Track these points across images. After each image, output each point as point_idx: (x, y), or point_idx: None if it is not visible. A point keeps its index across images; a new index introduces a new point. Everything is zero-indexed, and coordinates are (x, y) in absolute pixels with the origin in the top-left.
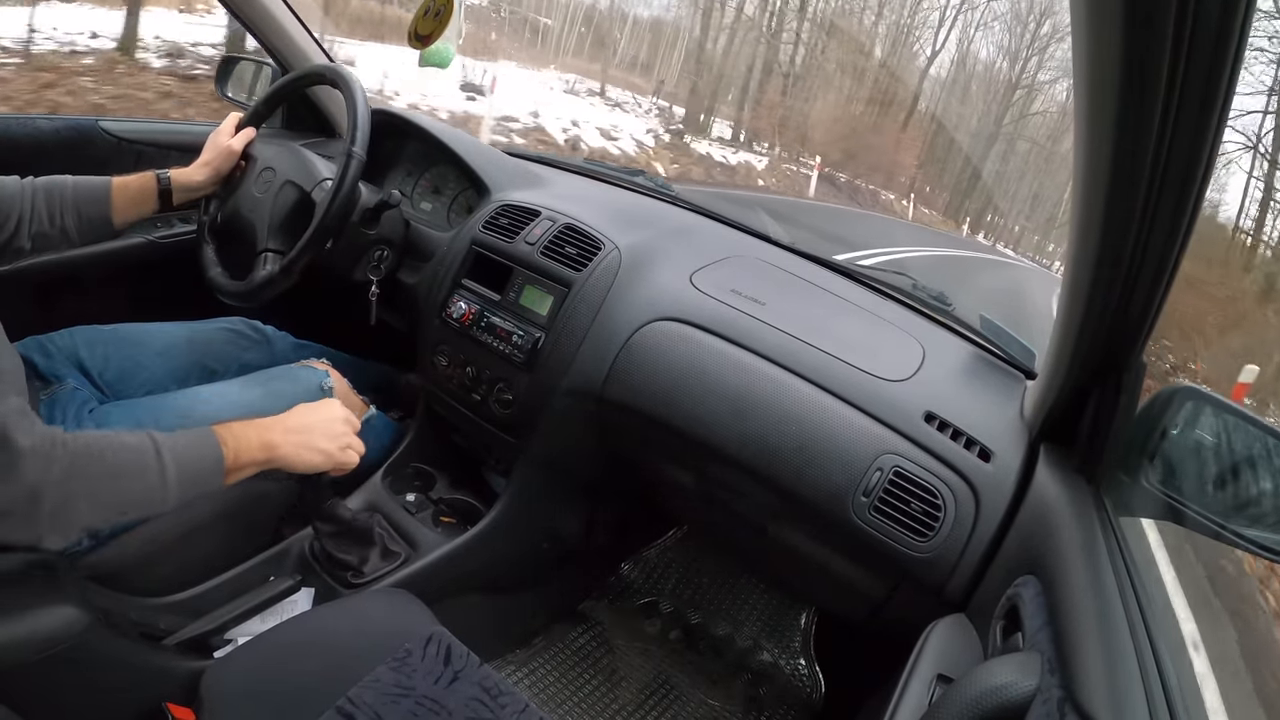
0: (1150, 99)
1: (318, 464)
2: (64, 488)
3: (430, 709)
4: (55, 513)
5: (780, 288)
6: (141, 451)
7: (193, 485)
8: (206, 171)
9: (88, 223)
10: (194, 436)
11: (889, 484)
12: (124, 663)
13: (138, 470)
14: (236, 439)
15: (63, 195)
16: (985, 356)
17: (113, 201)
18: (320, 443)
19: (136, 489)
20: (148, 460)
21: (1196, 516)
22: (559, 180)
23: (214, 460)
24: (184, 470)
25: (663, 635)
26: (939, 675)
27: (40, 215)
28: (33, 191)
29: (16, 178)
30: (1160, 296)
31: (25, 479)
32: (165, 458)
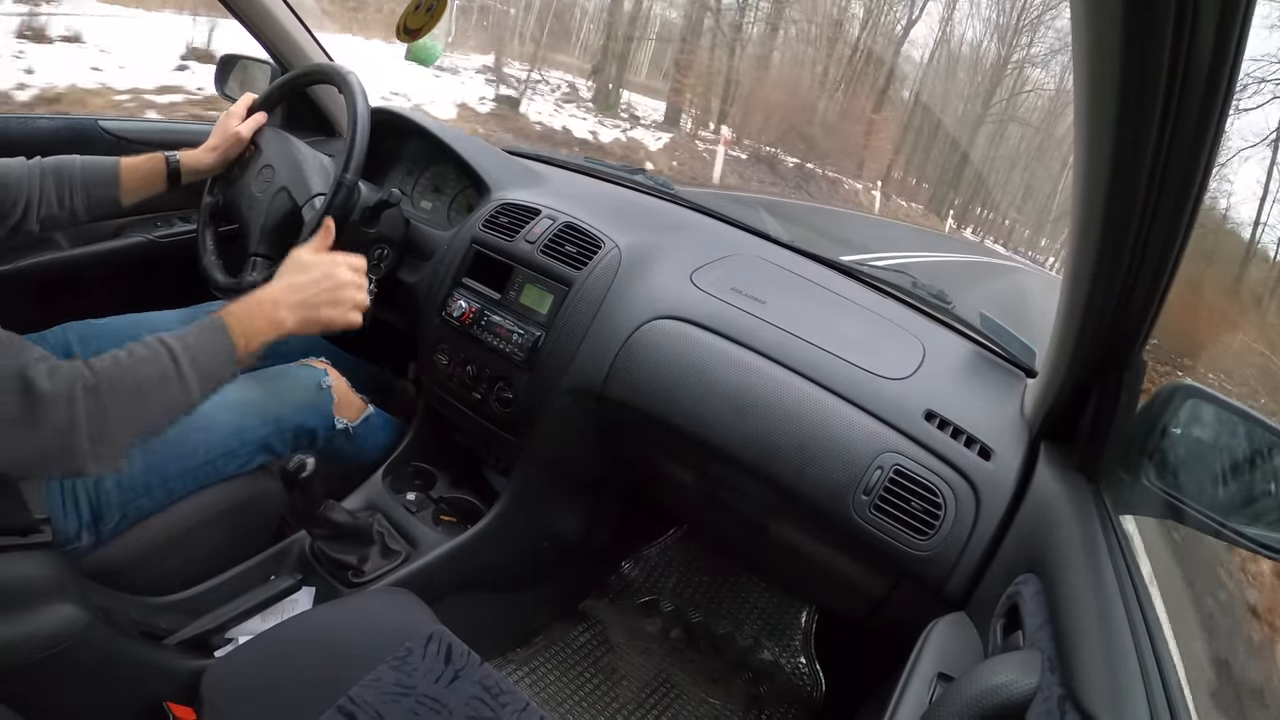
0: (1151, 94)
1: (324, 330)
2: (96, 420)
3: (431, 708)
4: (95, 442)
5: (780, 286)
6: (160, 363)
7: (211, 380)
8: (214, 156)
9: (97, 204)
10: (205, 334)
11: (889, 482)
12: (125, 662)
13: (160, 382)
14: (245, 325)
15: (72, 177)
16: (985, 355)
17: (121, 183)
18: (325, 312)
19: (163, 400)
20: (167, 371)
21: (1197, 514)
22: (559, 179)
23: (227, 352)
24: (201, 370)
25: (663, 634)
26: (939, 673)
27: (49, 198)
28: (40, 173)
29: (22, 159)
30: (1161, 294)
31: (54, 422)
32: (183, 364)
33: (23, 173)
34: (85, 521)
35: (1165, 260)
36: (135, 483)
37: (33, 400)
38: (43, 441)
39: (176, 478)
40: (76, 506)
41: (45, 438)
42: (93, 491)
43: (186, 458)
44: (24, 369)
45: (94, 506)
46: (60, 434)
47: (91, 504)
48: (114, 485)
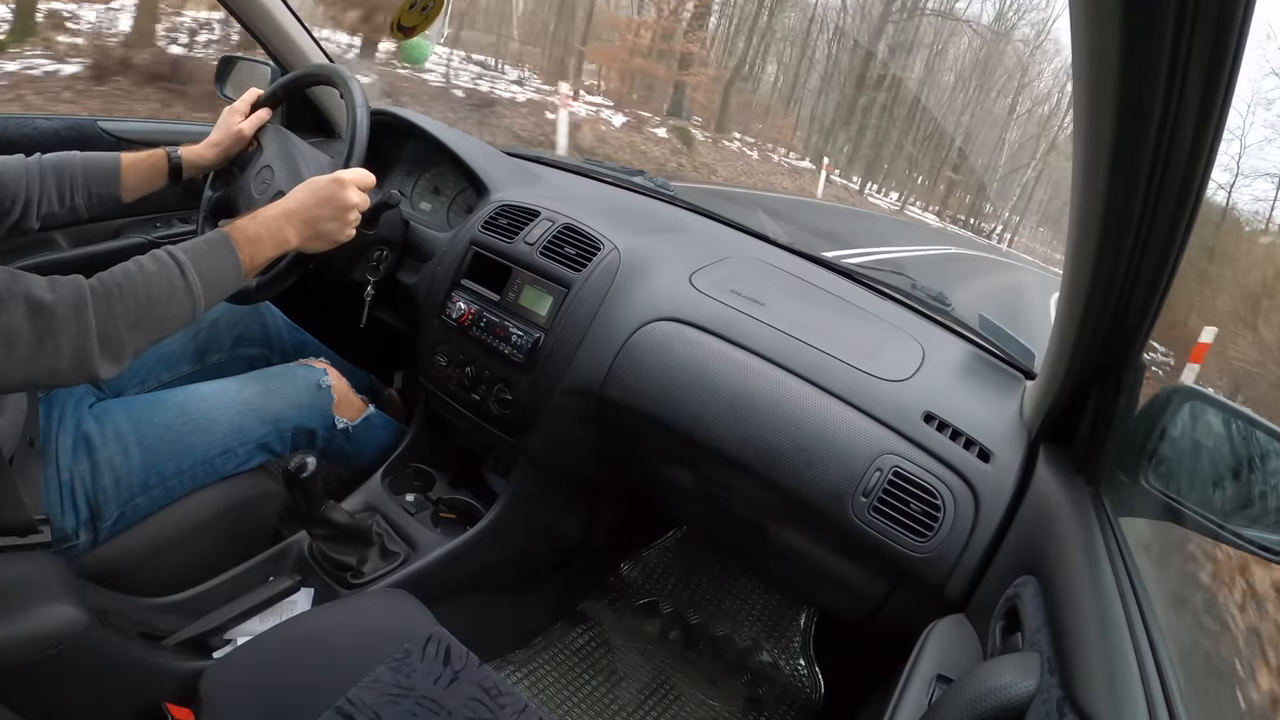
0: (1150, 96)
1: (325, 249)
2: (106, 323)
3: (430, 709)
4: (104, 344)
5: (779, 288)
6: (169, 276)
7: (216, 292)
8: (216, 151)
9: (98, 200)
10: (212, 248)
11: (888, 484)
12: (123, 663)
13: (168, 294)
14: (251, 243)
15: (73, 175)
16: (984, 356)
17: (123, 179)
18: (329, 230)
19: (171, 309)
20: (175, 281)
21: (1196, 516)
22: (558, 180)
23: (233, 267)
24: (208, 282)
25: (662, 635)
26: (938, 675)
27: (50, 196)
28: (40, 171)
29: (21, 156)
30: (1160, 295)
31: (66, 330)
32: (190, 277)
33: (21, 171)
34: (83, 519)
35: (1164, 262)
36: (133, 480)
37: (44, 317)
38: (57, 350)
39: (174, 476)
40: (74, 504)
41: (59, 346)
42: (90, 489)
43: (185, 456)
44: (28, 290)
45: (92, 504)
46: (71, 340)
47: (89, 502)
48: (112, 483)
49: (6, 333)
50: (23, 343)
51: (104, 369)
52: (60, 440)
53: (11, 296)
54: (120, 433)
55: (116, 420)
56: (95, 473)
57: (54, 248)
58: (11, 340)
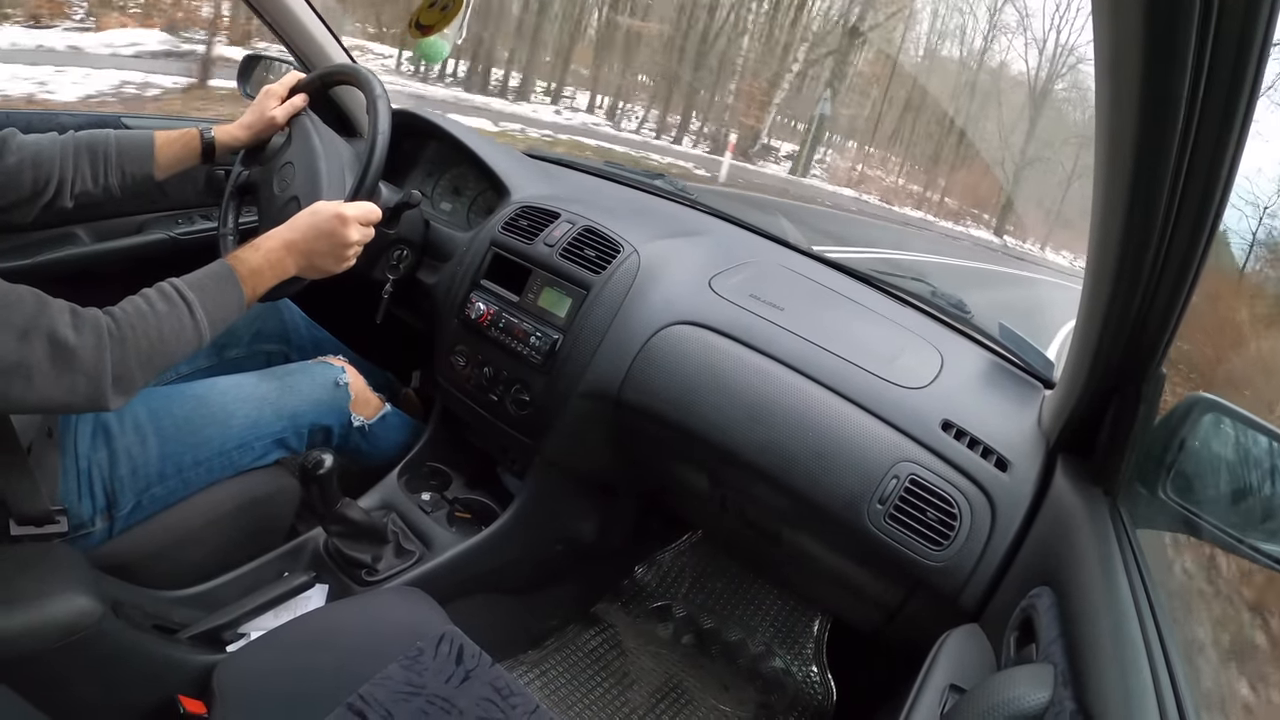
0: (1172, 104)
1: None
2: (121, 363)
3: (441, 708)
4: (117, 381)
5: (799, 293)
6: (179, 315)
7: (221, 325)
8: (249, 133)
9: (131, 179)
10: (217, 283)
11: (905, 492)
12: (137, 654)
13: (178, 330)
14: (254, 276)
15: (107, 153)
16: (1003, 365)
17: (156, 158)
18: (325, 264)
19: (180, 346)
20: (184, 320)
21: (1214, 530)
22: (578, 182)
23: (236, 301)
24: (213, 317)
25: (675, 639)
26: (951, 685)
27: (84, 174)
28: (74, 150)
29: (55, 134)
30: (1181, 306)
31: (84, 370)
32: (198, 315)
33: (56, 150)
34: (99, 507)
35: (1185, 273)
36: (149, 470)
37: (65, 355)
38: (73, 387)
39: (191, 468)
40: (91, 492)
41: (75, 383)
42: (108, 477)
43: (201, 448)
44: (52, 327)
45: (108, 492)
46: (89, 379)
47: (106, 489)
48: (129, 472)
49: (27, 365)
50: (41, 376)
51: (114, 403)
52: (79, 428)
53: (35, 329)
54: (139, 423)
55: (135, 410)
56: (113, 461)
57: (76, 242)
58: (30, 373)
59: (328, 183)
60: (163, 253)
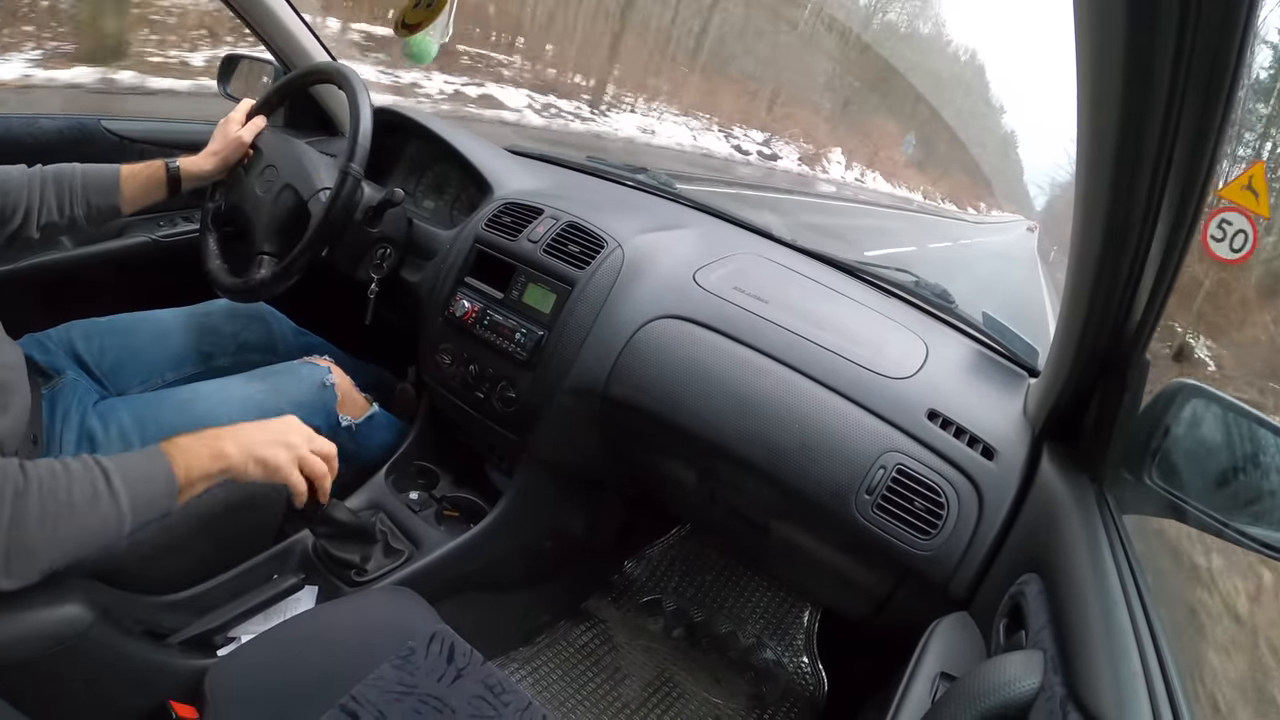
0: (1154, 94)
1: (266, 477)
2: (18, 526)
3: (433, 707)
4: (12, 551)
5: (783, 285)
6: (92, 480)
7: (146, 508)
8: (215, 161)
9: (97, 211)
10: (143, 457)
11: (892, 482)
12: (127, 660)
13: (90, 500)
14: (186, 455)
15: (72, 185)
16: (988, 354)
17: (122, 191)
18: (269, 450)
19: (92, 520)
20: (99, 488)
21: (1199, 514)
22: (561, 178)
23: (165, 480)
24: (136, 494)
25: (666, 633)
26: (942, 673)
27: (50, 206)
28: (40, 181)
29: (23, 166)
30: (1164, 293)
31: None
32: (115, 483)
33: (23, 180)
34: None
35: (1169, 260)
36: None
37: None
38: None
39: None
40: None
41: None
42: None
43: None
44: None
45: None
46: None
47: None
48: None
49: None
50: None
51: (4, 580)
52: (64, 437)
53: None
54: (124, 430)
55: (120, 418)
56: None
57: (58, 246)
58: None
59: (314, 167)
60: (145, 255)
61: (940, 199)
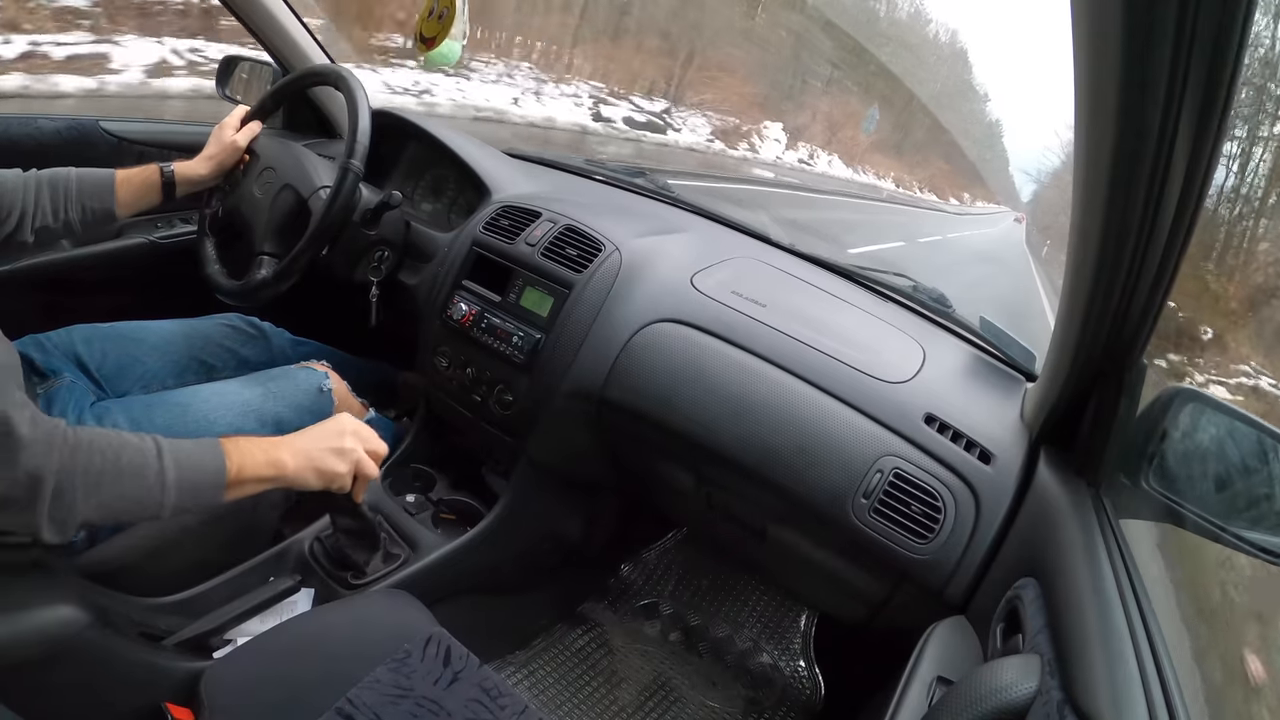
0: (1152, 100)
1: (323, 485)
2: (65, 478)
3: (430, 710)
4: (55, 502)
5: (780, 289)
6: (144, 451)
7: (191, 493)
8: (210, 165)
9: (91, 215)
10: (199, 444)
11: (889, 486)
12: (123, 662)
13: (138, 469)
14: (242, 453)
15: (67, 189)
16: (985, 358)
17: (116, 195)
18: (326, 460)
19: (135, 488)
20: (148, 460)
21: (1196, 519)
22: (559, 181)
23: (216, 471)
24: (184, 476)
25: (662, 637)
26: (939, 677)
27: (44, 210)
28: (35, 185)
29: (18, 171)
30: (1161, 298)
31: (26, 466)
32: (166, 460)
33: (18, 184)
34: None
35: (1165, 265)
36: None
37: (11, 441)
38: (14, 482)
39: None
40: None
41: (15, 481)
42: None
43: None
44: (7, 410)
45: None
46: (29, 481)
47: None
48: None
49: None
50: None
51: (45, 525)
52: None
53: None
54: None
55: (116, 420)
56: None
57: (56, 247)
58: None
59: (313, 167)
60: (142, 257)
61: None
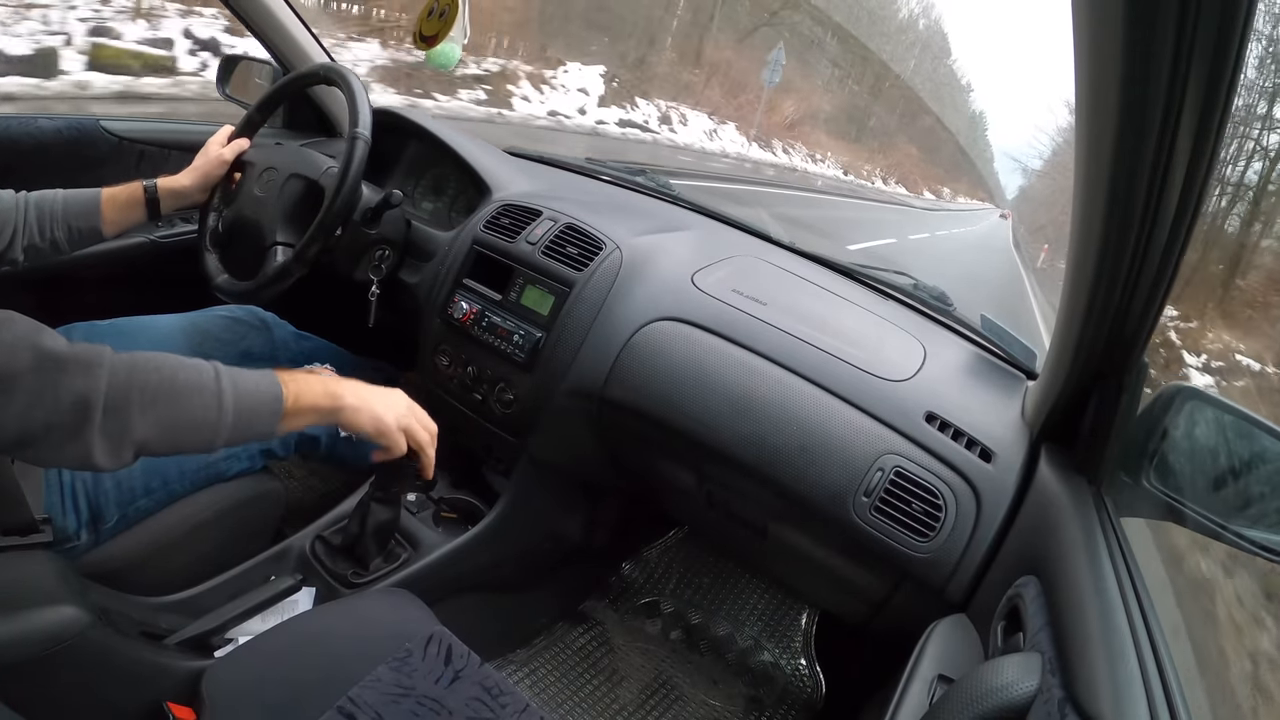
0: (1152, 100)
1: (374, 429)
2: (117, 394)
3: (431, 709)
4: (107, 419)
5: (781, 288)
6: (201, 370)
7: (249, 418)
8: (194, 177)
9: (78, 234)
10: (256, 373)
11: (890, 484)
12: (124, 661)
13: (195, 388)
14: (299, 383)
15: (53, 210)
16: (986, 356)
17: (102, 213)
18: (384, 410)
19: (193, 408)
20: (206, 380)
21: (1197, 517)
22: (560, 180)
23: (274, 397)
24: (241, 400)
25: (663, 635)
26: (940, 675)
27: (32, 229)
28: (25, 206)
29: (11, 191)
30: (1162, 297)
31: (72, 385)
32: (224, 382)
33: (10, 204)
34: (84, 521)
35: (1166, 264)
36: (135, 484)
37: (51, 363)
38: (57, 405)
39: (177, 480)
40: (76, 506)
41: (60, 401)
42: (92, 491)
43: (187, 460)
44: (40, 340)
45: (93, 506)
46: (75, 397)
47: (90, 503)
48: (113, 485)
49: (10, 374)
50: (22, 389)
51: (99, 447)
52: None
53: (20, 340)
54: None
55: None
56: (97, 475)
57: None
58: (11, 385)
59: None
60: (142, 256)
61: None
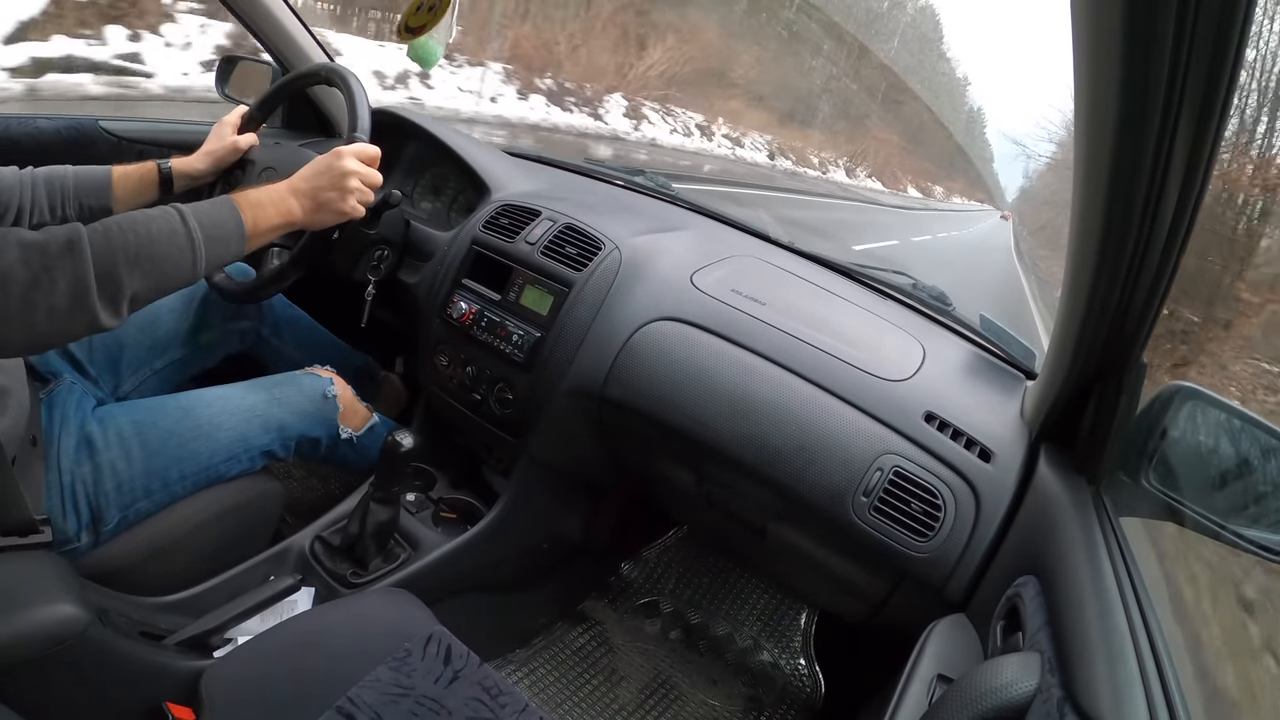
0: (1151, 99)
1: (338, 222)
2: (104, 260)
3: (430, 709)
4: (102, 285)
5: (780, 287)
6: (169, 217)
7: (220, 247)
8: (208, 161)
9: (89, 213)
10: (212, 204)
11: (889, 484)
12: (124, 662)
13: (169, 234)
14: (254, 207)
15: (64, 186)
16: (985, 356)
17: (114, 191)
18: (330, 199)
19: (171, 251)
20: (175, 225)
21: (1196, 517)
22: (559, 180)
23: (235, 224)
24: (209, 234)
25: (663, 635)
26: (939, 675)
27: (41, 206)
28: (33, 182)
29: (15, 168)
30: (1161, 296)
31: (62, 266)
32: (190, 222)
33: (15, 181)
34: (85, 522)
35: (1165, 263)
36: (135, 485)
37: (36, 253)
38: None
39: (177, 481)
40: (76, 507)
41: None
42: (92, 492)
43: (188, 461)
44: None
45: (93, 507)
46: (69, 276)
47: (91, 505)
48: (114, 487)
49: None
50: (16, 282)
51: (103, 311)
52: (63, 442)
53: (2, 239)
54: (123, 436)
55: (119, 424)
56: (97, 476)
57: None
58: (5, 281)
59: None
60: None
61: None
